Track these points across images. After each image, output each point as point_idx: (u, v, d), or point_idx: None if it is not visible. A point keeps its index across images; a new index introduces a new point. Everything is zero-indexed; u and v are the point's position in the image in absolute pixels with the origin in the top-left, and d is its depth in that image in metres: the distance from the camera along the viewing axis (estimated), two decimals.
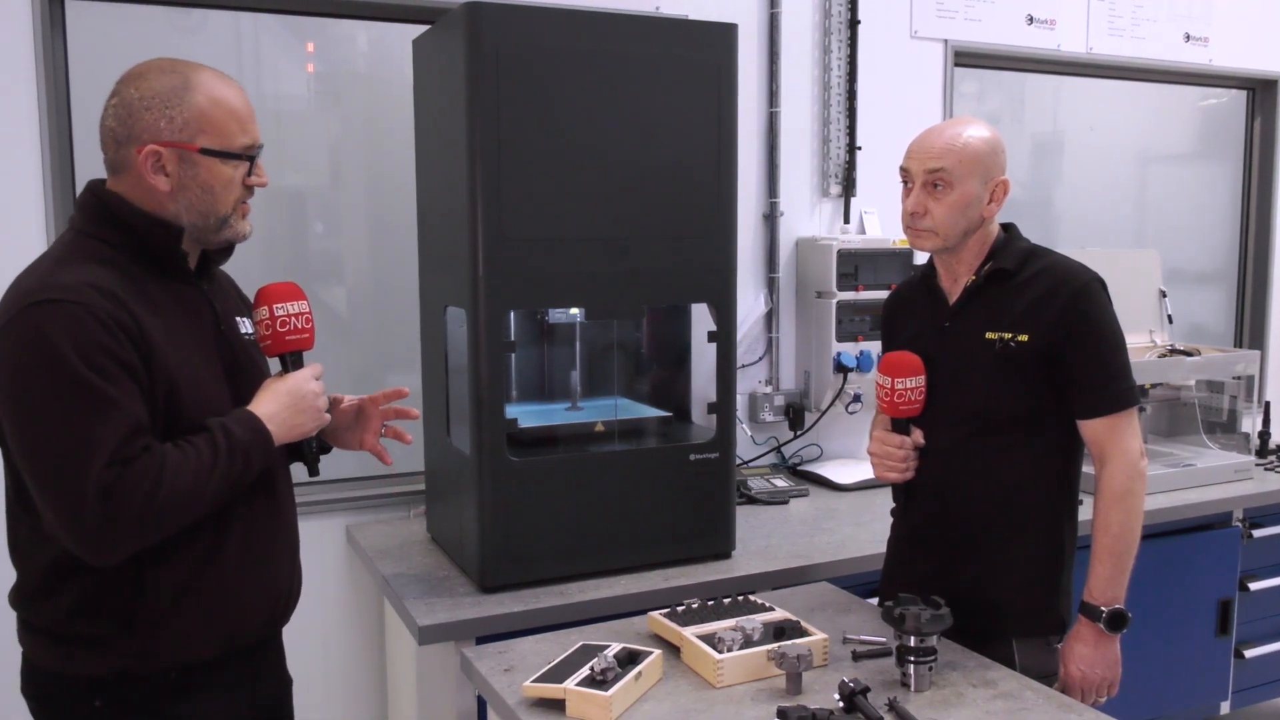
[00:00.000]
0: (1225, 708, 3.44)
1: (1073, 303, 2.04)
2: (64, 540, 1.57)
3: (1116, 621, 2.06)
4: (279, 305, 1.79)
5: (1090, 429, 2.07)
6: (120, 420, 1.54)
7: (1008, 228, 2.21)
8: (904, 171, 2.15)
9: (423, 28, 2.70)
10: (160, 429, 1.62)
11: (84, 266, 1.62)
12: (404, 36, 2.83)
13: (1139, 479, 2.06)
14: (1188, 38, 4.19)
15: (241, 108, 1.72)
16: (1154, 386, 3.56)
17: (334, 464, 2.90)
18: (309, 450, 1.86)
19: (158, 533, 1.60)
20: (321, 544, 2.84)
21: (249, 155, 1.73)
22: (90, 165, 2.57)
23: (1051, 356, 2.05)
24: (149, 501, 1.55)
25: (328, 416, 1.83)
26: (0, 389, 1.57)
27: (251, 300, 1.87)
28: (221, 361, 1.76)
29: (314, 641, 2.87)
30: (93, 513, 1.52)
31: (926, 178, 2.09)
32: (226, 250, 1.85)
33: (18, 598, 1.71)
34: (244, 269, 2.06)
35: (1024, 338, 2.06)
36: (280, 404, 1.73)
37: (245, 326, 1.86)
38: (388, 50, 2.98)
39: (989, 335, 2.10)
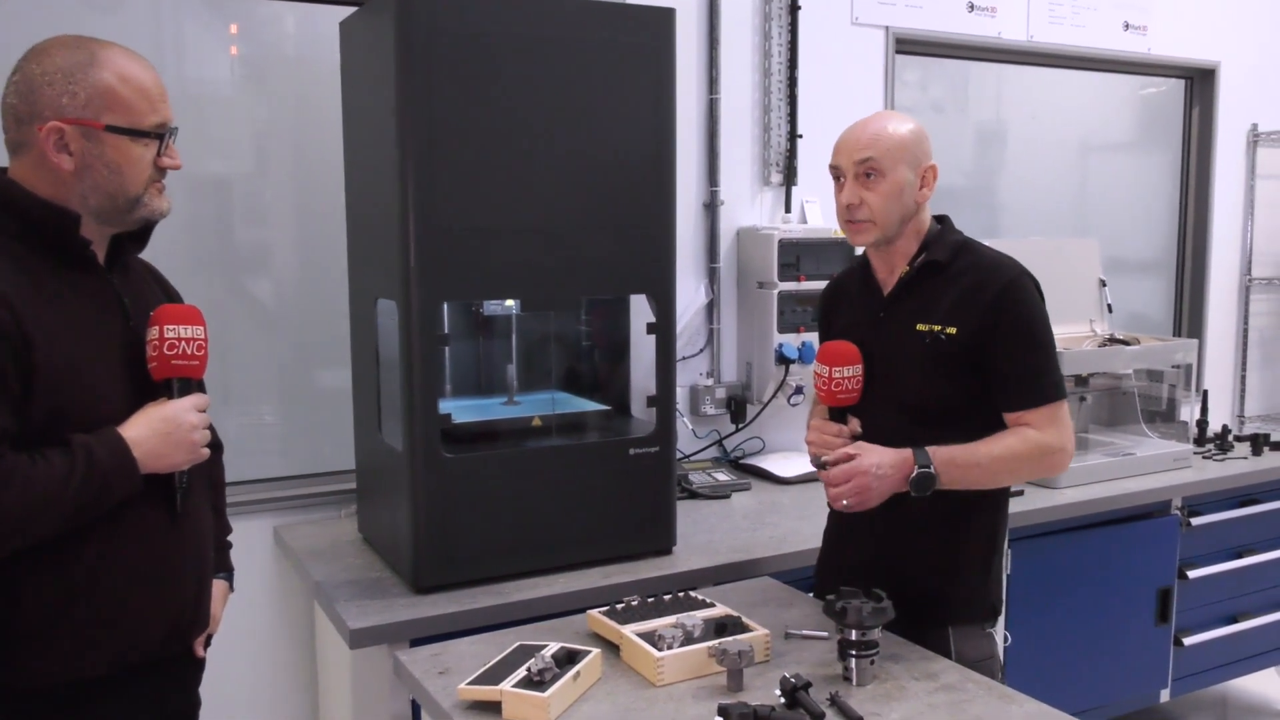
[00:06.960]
0: (1165, 695, 3.47)
1: (1000, 297, 2.04)
2: None
3: (921, 483, 1.98)
4: (170, 327, 1.69)
5: (1017, 422, 2.05)
6: None
7: (941, 219, 2.20)
8: (834, 169, 2.14)
9: (353, 9, 2.62)
10: (41, 429, 1.55)
11: None
12: (334, 18, 2.74)
13: (1053, 456, 2.03)
14: (1126, 26, 4.22)
15: (151, 85, 1.65)
16: (1093, 376, 3.58)
17: (261, 463, 2.87)
18: (177, 485, 1.72)
19: None
20: (248, 546, 2.76)
21: (159, 134, 1.66)
22: None
23: (978, 349, 2.04)
24: None
25: (205, 452, 1.73)
26: None
27: (179, 296, 1.80)
28: (125, 360, 1.68)
29: (241, 647, 2.79)
30: None
31: (858, 169, 2.08)
32: (142, 237, 1.78)
33: None
34: (165, 261, 1.98)
35: (952, 330, 2.06)
36: (153, 430, 1.64)
37: None
38: (316, 32, 2.88)
39: (919, 327, 2.09)
